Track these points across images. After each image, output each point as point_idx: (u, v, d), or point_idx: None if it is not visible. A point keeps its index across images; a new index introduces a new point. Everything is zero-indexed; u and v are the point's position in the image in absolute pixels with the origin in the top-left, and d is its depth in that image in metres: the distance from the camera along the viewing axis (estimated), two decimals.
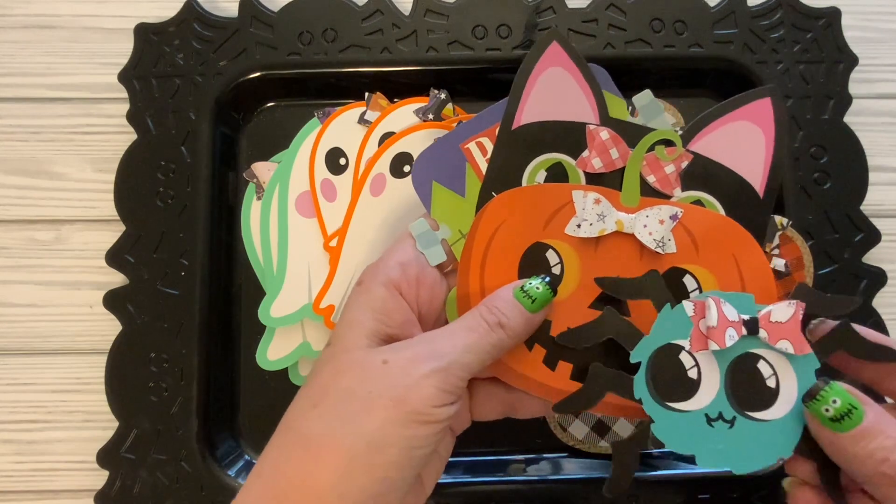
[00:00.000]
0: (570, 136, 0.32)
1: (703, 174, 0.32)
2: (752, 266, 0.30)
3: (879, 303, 0.42)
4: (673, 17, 0.45)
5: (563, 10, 0.45)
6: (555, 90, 0.32)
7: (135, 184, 0.43)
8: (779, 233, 0.43)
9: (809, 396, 0.26)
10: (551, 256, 0.31)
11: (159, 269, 0.42)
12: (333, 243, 0.42)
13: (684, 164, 0.31)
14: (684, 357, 0.28)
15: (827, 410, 0.26)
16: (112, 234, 0.43)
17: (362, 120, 0.44)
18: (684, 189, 0.31)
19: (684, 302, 0.29)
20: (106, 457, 0.40)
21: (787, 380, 0.28)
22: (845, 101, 0.44)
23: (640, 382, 0.28)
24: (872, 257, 0.43)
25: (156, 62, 0.44)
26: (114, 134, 0.45)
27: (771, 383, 0.28)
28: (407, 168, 0.43)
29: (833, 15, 0.45)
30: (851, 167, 0.44)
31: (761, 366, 0.28)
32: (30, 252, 0.45)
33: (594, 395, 0.29)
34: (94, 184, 0.45)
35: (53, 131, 0.46)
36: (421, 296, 0.31)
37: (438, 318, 0.33)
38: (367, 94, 0.44)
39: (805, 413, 0.27)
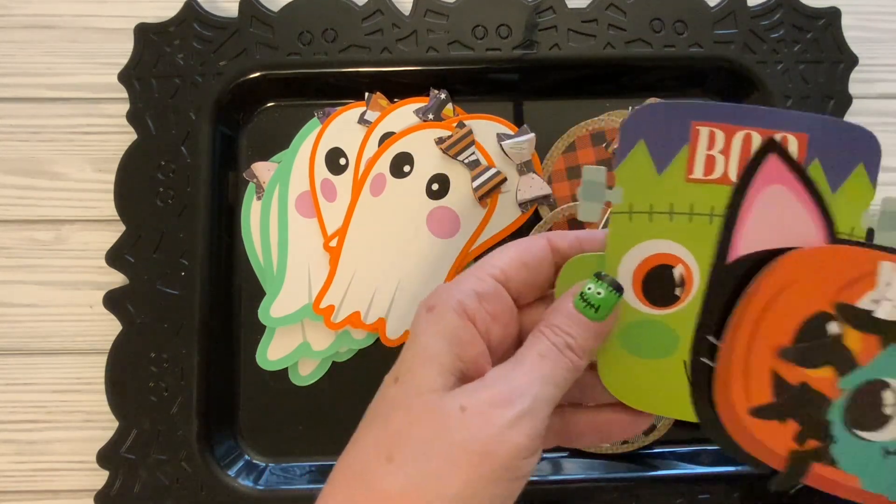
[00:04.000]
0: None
1: None
2: None
3: None
4: (673, 17, 0.45)
5: (563, 10, 0.45)
6: (774, 211, 0.28)
7: (135, 184, 0.43)
8: None
9: None
10: (831, 329, 0.28)
11: (159, 269, 0.42)
12: (333, 243, 0.42)
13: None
14: (887, 395, 0.28)
15: None
16: (112, 234, 0.43)
17: (362, 120, 0.44)
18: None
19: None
20: (106, 457, 0.40)
21: None
22: (845, 101, 0.44)
23: (837, 408, 0.28)
24: None
25: (156, 62, 0.44)
26: (114, 134, 0.45)
27: (889, 411, 0.28)
28: (407, 168, 0.43)
29: (833, 15, 0.45)
30: None
31: (886, 394, 0.28)
32: (30, 252, 0.45)
33: (800, 470, 0.28)
34: (94, 184, 0.45)
35: (53, 131, 0.46)
36: (493, 332, 0.28)
37: (503, 359, 0.29)
38: (367, 94, 0.44)
39: None
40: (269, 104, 0.46)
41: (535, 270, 0.28)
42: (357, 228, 0.42)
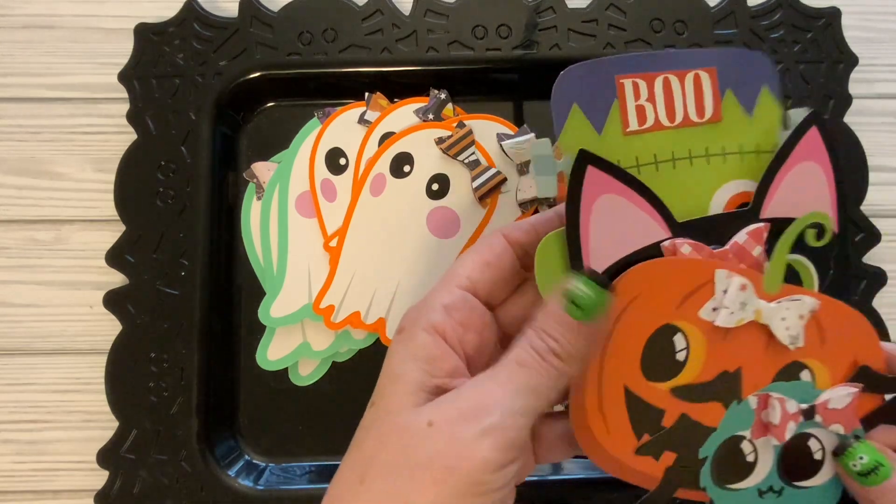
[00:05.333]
0: (648, 257, 0.28)
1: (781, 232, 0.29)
2: (871, 363, 0.30)
3: (879, 303, 0.42)
4: (673, 17, 0.45)
5: (563, 10, 0.45)
6: (613, 214, 0.28)
7: (135, 184, 0.43)
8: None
9: (839, 451, 0.28)
10: (679, 341, 0.28)
11: (159, 269, 0.42)
12: (333, 243, 0.42)
13: (765, 236, 0.29)
14: (745, 445, 0.29)
15: (855, 465, 0.27)
16: (112, 234, 0.43)
17: (362, 120, 0.44)
18: (769, 258, 0.29)
19: (749, 397, 0.28)
20: (106, 457, 0.40)
21: (832, 449, 0.29)
22: (845, 101, 0.44)
23: (705, 473, 0.29)
24: (872, 257, 0.43)
25: (156, 62, 0.44)
26: (114, 134, 0.45)
27: (818, 456, 0.29)
28: (407, 168, 0.43)
29: (833, 15, 0.45)
30: (851, 167, 0.44)
31: (811, 443, 0.29)
32: (30, 252, 0.45)
33: (668, 492, 0.29)
34: (94, 184, 0.45)
35: (53, 131, 0.46)
36: (468, 341, 0.28)
37: (489, 364, 0.28)
38: (367, 94, 0.44)
39: (836, 466, 0.29)
40: (269, 104, 0.46)
41: (498, 268, 0.29)
42: (357, 228, 0.42)
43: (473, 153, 0.43)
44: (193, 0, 0.44)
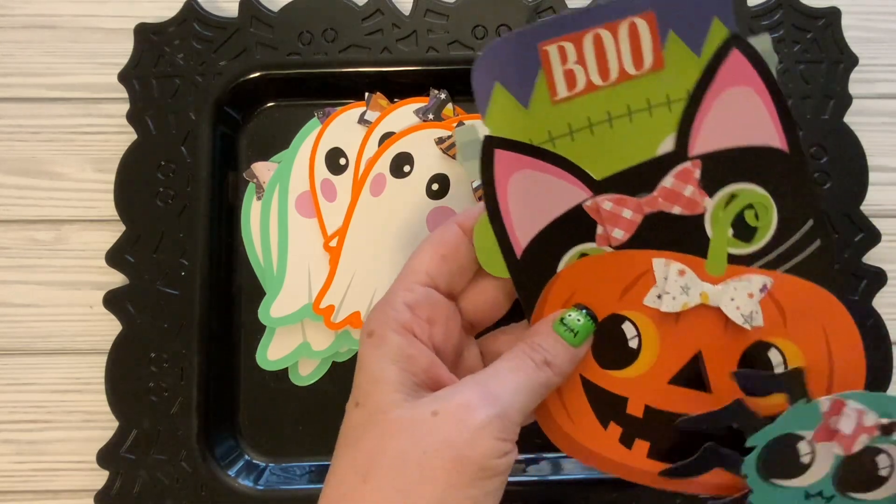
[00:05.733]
0: (577, 225, 0.28)
1: (722, 168, 0.28)
2: (842, 339, 0.28)
3: (879, 303, 0.42)
4: None
5: (563, 10, 0.45)
6: (532, 193, 0.28)
7: (135, 184, 0.43)
8: None
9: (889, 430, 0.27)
10: (628, 329, 0.28)
11: (159, 269, 0.42)
12: (333, 243, 0.42)
13: (697, 175, 0.28)
14: (802, 445, 0.28)
15: None
16: (112, 234, 0.43)
17: (362, 120, 0.44)
18: (711, 194, 0.28)
19: (822, 399, 0.27)
20: (106, 457, 0.40)
21: None
22: (845, 101, 0.44)
23: (750, 462, 0.28)
24: (872, 257, 0.43)
25: (156, 62, 0.44)
26: (114, 134, 0.45)
27: (884, 473, 0.28)
28: (407, 168, 0.43)
29: (833, 15, 0.45)
30: (851, 167, 0.44)
31: (880, 458, 0.28)
32: (30, 252, 0.45)
33: (702, 467, 0.28)
34: (94, 184, 0.45)
35: (53, 131, 0.46)
36: (435, 334, 0.29)
37: (457, 352, 0.30)
38: (367, 94, 0.44)
39: None
40: (269, 104, 0.46)
41: (454, 259, 0.29)
42: (357, 228, 0.42)
43: None
44: (193, 0, 0.44)
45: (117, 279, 0.43)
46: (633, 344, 0.28)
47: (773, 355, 0.28)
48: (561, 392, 0.29)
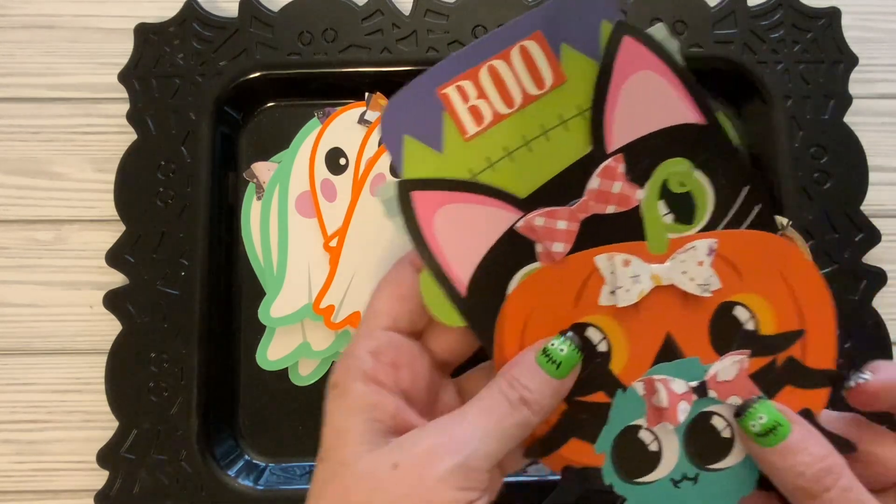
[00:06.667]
0: (515, 248, 0.28)
1: (645, 156, 0.28)
2: (801, 276, 0.28)
3: (879, 303, 0.42)
4: (673, 17, 0.45)
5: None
6: (462, 227, 0.27)
7: (135, 184, 0.43)
8: (779, 233, 0.43)
9: (740, 412, 0.27)
10: (593, 334, 0.28)
11: (159, 269, 0.42)
12: (333, 243, 0.42)
13: (622, 170, 0.28)
14: (643, 434, 0.28)
15: (754, 426, 0.26)
16: (112, 234, 0.43)
17: (362, 120, 0.44)
18: (642, 185, 0.28)
19: (634, 384, 0.28)
20: (106, 457, 0.40)
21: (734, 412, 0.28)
22: (845, 101, 0.44)
23: (608, 470, 0.28)
24: (872, 257, 0.43)
25: (156, 62, 0.44)
26: (114, 134, 0.45)
27: (726, 434, 0.28)
28: None
29: (833, 15, 0.45)
30: (851, 167, 0.44)
31: (715, 421, 0.28)
32: (30, 252, 0.45)
33: (570, 494, 0.28)
34: (94, 184, 0.45)
35: (53, 131, 0.46)
36: (402, 378, 0.28)
37: (431, 394, 0.29)
38: (367, 94, 0.44)
39: (738, 430, 0.27)
40: (269, 104, 0.46)
41: (413, 299, 0.28)
42: (357, 228, 0.42)
43: None
44: (193, 0, 0.44)
45: (117, 279, 0.43)
46: (602, 347, 0.28)
47: (740, 312, 0.28)
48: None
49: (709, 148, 0.28)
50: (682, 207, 0.28)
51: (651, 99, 0.28)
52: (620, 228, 0.28)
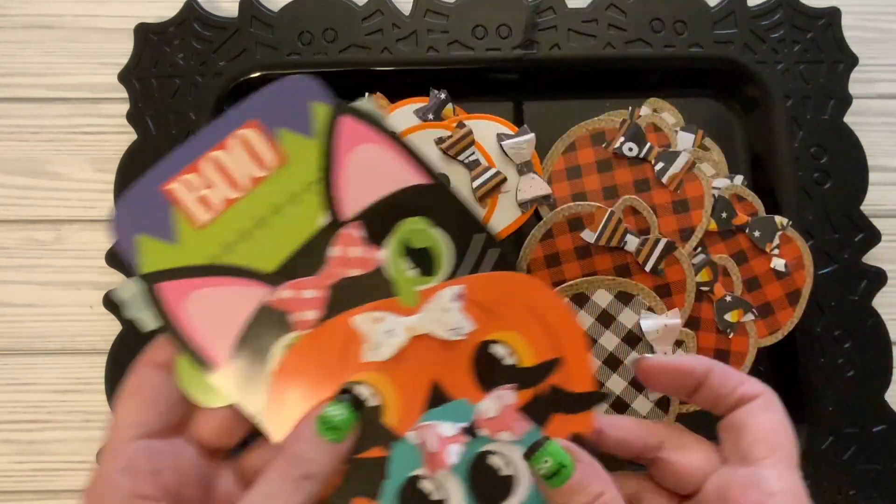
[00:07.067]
0: (269, 321, 0.28)
1: (379, 217, 0.29)
2: (547, 307, 0.29)
3: (879, 303, 0.42)
4: (673, 17, 0.45)
5: (563, 10, 0.45)
6: (207, 306, 0.28)
7: None
8: (779, 233, 0.43)
9: (529, 454, 0.27)
10: (363, 391, 0.28)
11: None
12: None
13: (359, 235, 0.29)
14: (425, 484, 0.28)
15: (541, 469, 0.26)
16: None
17: None
18: (382, 244, 0.29)
19: (407, 434, 0.28)
20: None
21: (520, 460, 0.28)
22: (845, 101, 0.44)
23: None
24: (872, 257, 0.43)
25: (156, 62, 0.44)
26: (114, 134, 0.45)
27: (507, 471, 0.28)
28: None
29: (833, 15, 0.45)
30: (851, 167, 0.44)
31: (493, 460, 0.28)
32: (30, 252, 0.45)
33: None
34: (94, 184, 0.45)
35: (53, 131, 0.46)
36: (167, 481, 0.26)
37: (204, 485, 0.28)
38: (366, 94, 0.44)
39: (532, 471, 0.27)
40: None
41: (163, 399, 0.27)
42: None
43: (473, 153, 0.43)
44: (193, 0, 0.44)
45: (117, 279, 0.43)
46: (373, 402, 0.28)
47: (498, 349, 0.29)
48: None
49: (438, 204, 0.29)
50: (424, 261, 0.29)
51: (376, 168, 0.29)
52: (372, 288, 0.29)
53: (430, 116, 0.44)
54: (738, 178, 0.44)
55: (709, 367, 0.28)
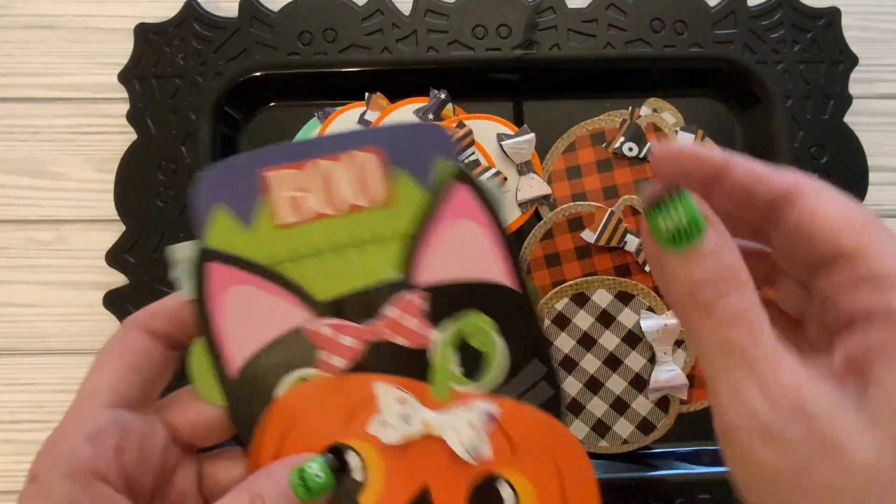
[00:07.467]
0: (296, 347, 0.27)
1: (448, 300, 0.27)
2: (574, 469, 0.27)
3: None
4: (673, 17, 0.45)
5: (563, 10, 0.45)
6: (245, 305, 0.27)
7: (135, 184, 0.43)
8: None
9: (651, 203, 0.21)
10: (353, 460, 0.26)
11: (159, 269, 0.42)
12: None
13: (421, 306, 0.27)
14: None
15: (667, 224, 0.21)
16: (112, 234, 0.43)
17: (362, 120, 0.44)
18: (439, 327, 0.27)
19: None
20: None
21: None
22: (845, 101, 0.44)
23: None
24: None
25: (156, 62, 0.44)
26: (114, 134, 0.45)
27: None
28: None
29: (833, 15, 0.45)
30: (851, 167, 0.44)
31: None
32: (30, 252, 0.45)
33: None
34: (94, 184, 0.45)
35: (53, 131, 0.46)
36: (126, 463, 0.23)
37: (163, 473, 0.25)
38: (367, 94, 0.44)
39: (642, 226, 0.23)
40: (269, 104, 0.46)
41: (147, 368, 0.25)
42: None
43: (473, 153, 0.43)
44: (193, 0, 0.44)
45: (117, 279, 0.43)
46: (358, 476, 0.26)
47: (504, 489, 0.27)
48: None
49: (512, 314, 0.28)
50: (473, 363, 0.27)
51: (469, 248, 0.27)
52: (409, 365, 0.27)
53: (430, 116, 0.44)
54: None
55: (728, 156, 0.22)
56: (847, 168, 0.44)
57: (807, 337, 0.24)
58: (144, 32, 0.44)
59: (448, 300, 0.27)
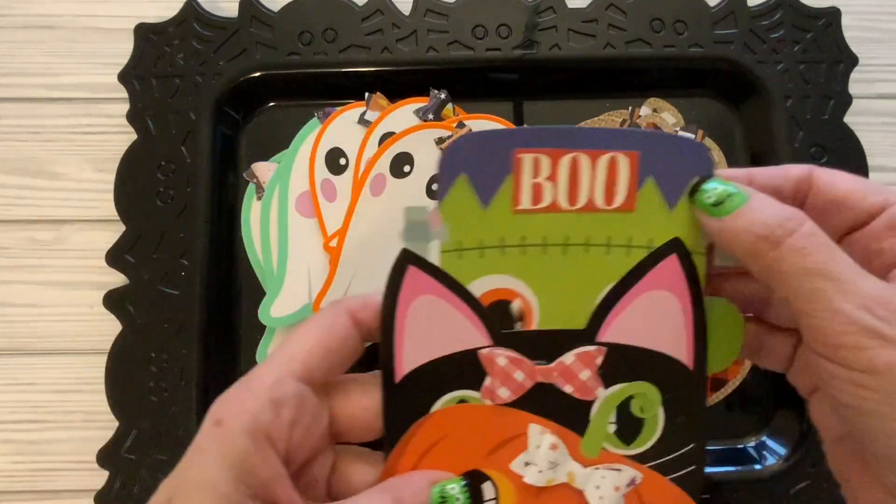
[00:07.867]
0: (465, 369, 0.27)
1: (624, 364, 0.27)
2: None
3: None
4: (673, 17, 0.45)
5: (563, 10, 0.45)
6: (427, 321, 0.26)
7: (135, 184, 0.43)
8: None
9: (694, 190, 0.26)
10: (487, 489, 0.26)
11: (159, 269, 0.42)
12: (333, 243, 0.42)
13: (599, 361, 0.27)
14: None
15: (709, 197, 0.25)
16: (112, 234, 0.43)
17: (362, 120, 0.44)
18: (608, 386, 0.27)
19: None
20: (106, 457, 0.40)
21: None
22: (845, 101, 0.44)
23: None
24: None
25: (156, 62, 0.44)
26: (114, 134, 0.45)
27: None
28: (407, 168, 0.43)
29: (833, 15, 0.45)
30: (851, 167, 0.44)
31: None
32: (30, 252, 0.45)
33: None
34: (94, 184, 0.45)
35: (53, 131, 0.46)
36: (293, 437, 0.24)
37: (311, 455, 0.26)
38: (367, 94, 0.44)
39: (694, 210, 0.26)
40: (269, 104, 0.46)
41: (340, 355, 0.26)
42: (357, 228, 0.42)
43: None
44: (193, 0, 0.44)
45: (117, 279, 0.43)
46: None
47: None
48: None
49: (684, 393, 0.28)
50: (630, 429, 0.27)
51: (660, 320, 0.27)
52: (567, 412, 0.27)
53: (430, 116, 0.44)
54: None
55: (809, 167, 0.26)
56: (847, 168, 0.43)
57: None
58: (144, 32, 0.44)
59: (624, 363, 0.27)
